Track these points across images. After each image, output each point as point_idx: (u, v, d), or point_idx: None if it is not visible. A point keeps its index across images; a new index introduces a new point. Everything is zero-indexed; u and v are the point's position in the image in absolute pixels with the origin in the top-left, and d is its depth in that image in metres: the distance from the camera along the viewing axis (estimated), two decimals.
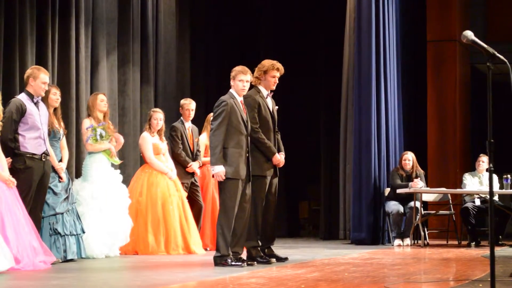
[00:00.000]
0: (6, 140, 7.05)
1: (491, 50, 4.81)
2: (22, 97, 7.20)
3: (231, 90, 7.12)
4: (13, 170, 7.00)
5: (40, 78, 7.18)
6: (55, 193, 7.56)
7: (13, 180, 6.81)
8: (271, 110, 7.54)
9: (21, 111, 7.10)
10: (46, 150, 7.28)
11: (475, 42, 4.83)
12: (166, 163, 9.09)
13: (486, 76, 4.77)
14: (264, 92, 7.53)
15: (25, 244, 6.66)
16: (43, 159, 7.24)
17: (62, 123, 7.83)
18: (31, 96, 7.20)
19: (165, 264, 7.28)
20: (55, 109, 7.72)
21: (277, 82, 7.56)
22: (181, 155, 9.34)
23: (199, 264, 7.46)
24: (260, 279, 5.74)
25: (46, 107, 7.45)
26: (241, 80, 7.07)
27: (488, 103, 4.73)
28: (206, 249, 9.21)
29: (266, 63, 7.54)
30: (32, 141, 7.16)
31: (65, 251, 7.51)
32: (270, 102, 7.57)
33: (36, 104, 7.22)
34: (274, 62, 7.54)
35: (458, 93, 12.76)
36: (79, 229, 7.73)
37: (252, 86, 7.43)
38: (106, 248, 8.15)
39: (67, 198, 7.67)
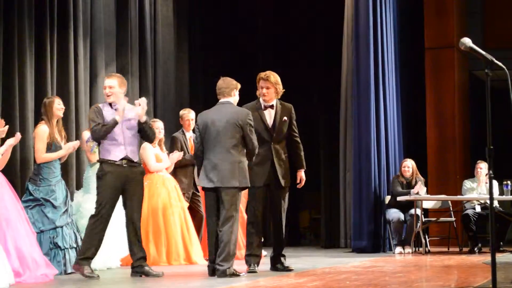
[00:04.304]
0: (100, 132, 7.06)
1: (489, 56, 4.83)
2: (101, 104, 7.29)
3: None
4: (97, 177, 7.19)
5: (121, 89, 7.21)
6: (54, 207, 7.52)
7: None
8: (266, 122, 7.47)
9: (99, 114, 7.14)
10: (127, 155, 7.17)
11: (473, 49, 4.84)
12: (165, 175, 9.08)
13: (485, 82, 4.78)
14: (262, 103, 7.50)
15: (26, 258, 6.65)
16: (124, 165, 7.14)
17: (63, 133, 7.80)
18: (109, 104, 7.22)
19: (167, 275, 7.27)
20: (56, 121, 7.70)
21: (266, 93, 7.43)
22: (185, 158, 9.28)
23: (201, 274, 7.45)
24: None
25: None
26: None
27: (487, 110, 4.74)
28: (207, 259, 9.18)
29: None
30: (109, 147, 7.13)
31: (65, 264, 7.48)
32: (267, 114, 7.48)
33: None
34: (261, 73, 7.48)
35: (457, 100, 12.77)
36: (79, 241, 7.71)
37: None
38: (107, 259, 8.13)
39: (66, 211, 7.65)
